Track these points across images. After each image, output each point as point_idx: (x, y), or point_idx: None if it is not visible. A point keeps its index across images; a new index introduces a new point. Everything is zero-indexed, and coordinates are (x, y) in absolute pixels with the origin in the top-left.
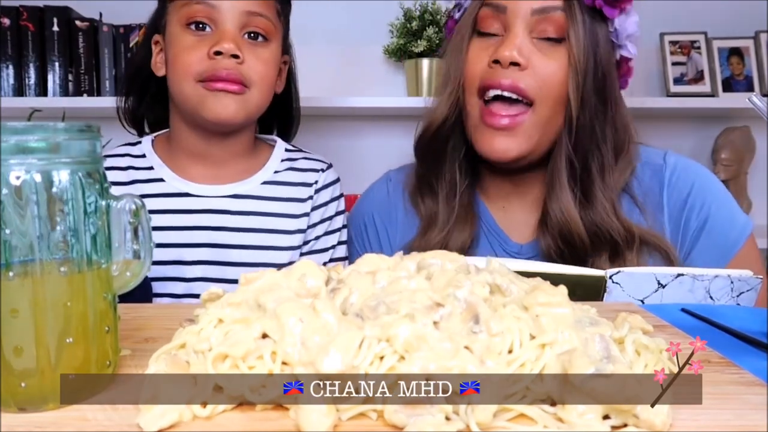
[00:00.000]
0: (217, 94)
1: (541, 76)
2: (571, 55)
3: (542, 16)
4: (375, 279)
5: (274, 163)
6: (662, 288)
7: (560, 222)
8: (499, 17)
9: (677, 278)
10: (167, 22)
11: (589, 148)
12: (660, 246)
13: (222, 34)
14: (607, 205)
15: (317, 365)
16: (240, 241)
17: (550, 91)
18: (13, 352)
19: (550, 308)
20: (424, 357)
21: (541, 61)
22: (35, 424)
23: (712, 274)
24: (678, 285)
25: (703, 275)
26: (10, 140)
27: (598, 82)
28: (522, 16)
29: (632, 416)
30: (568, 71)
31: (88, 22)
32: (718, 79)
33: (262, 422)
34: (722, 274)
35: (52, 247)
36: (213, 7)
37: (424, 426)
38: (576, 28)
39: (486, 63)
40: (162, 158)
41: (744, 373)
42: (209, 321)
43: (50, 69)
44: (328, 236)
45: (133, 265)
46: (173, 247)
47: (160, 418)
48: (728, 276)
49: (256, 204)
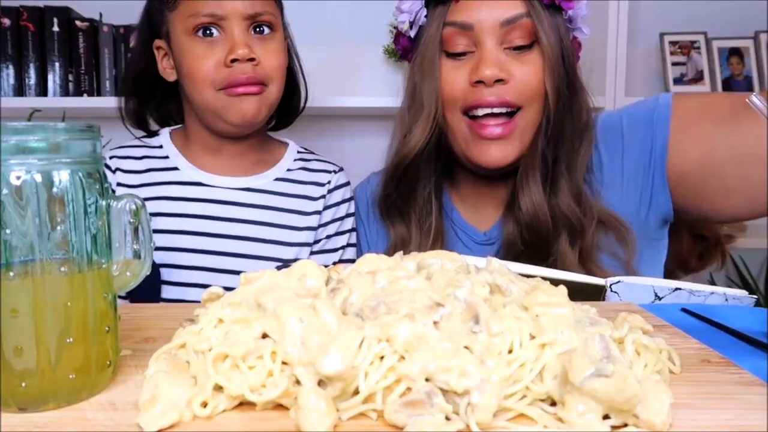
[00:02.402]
0: (239, 99)
1: (523, 83)
2: (544, 55)
3: (511, 26)
4: (375, 279)
5: (288, 161)
6: (659, 300)
7: (530, 214)
8: (466, 34)
9: (674, 292)
10: (171, 30)
11: (560, 139)
12: (616, 225)
13: (234, 40)
14: (570, 193)
15: (317, 365)
16: (249, 234)
17: (532, 93)
18: (14, 352)
19: (550, 308)
20: (424, 357)
21: (519, 69)
22: (35, 424)
23: (708, 291)
24: (675, 298)
25: (699, 291)
26: (10, 140)
27: (569, 73)
28: (490, 31)
29: (632, 416)
30: (544, 71)
31: (88, 22)
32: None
33: (262, 422)
34: (718, 291)
35: (52, 247)
36: (218, 13)
37: (424, 426)
38: (544, 28)
39: (465, 83)
40: (179, 149)
41: (744, 373)
42: (209, 321)
43: (50, 69)
44: (339, 237)
45: (133, 264)
46: (184, 234)
47: (160, 418)
48: (723, 294)
49: (269, 198)
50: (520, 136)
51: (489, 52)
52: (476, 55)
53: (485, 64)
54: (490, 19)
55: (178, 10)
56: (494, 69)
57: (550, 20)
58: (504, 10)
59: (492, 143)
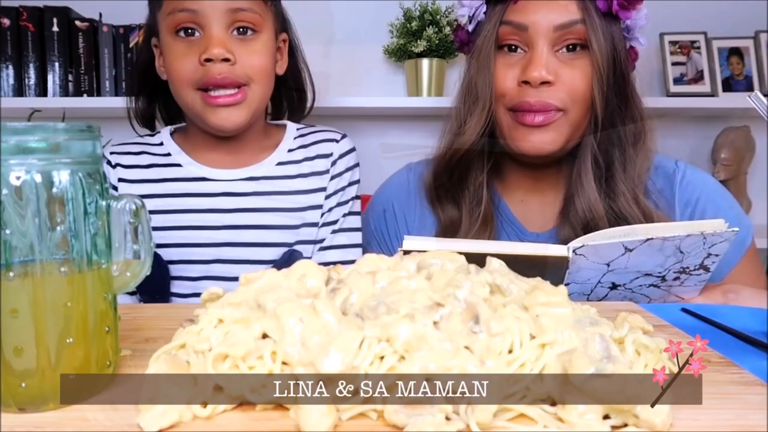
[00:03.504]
0: (217, 109)
1: (569, 86)
2: (593, 61)
3: (564, 30)
4: (375, 279)
5: (287, 143)
6: (629, 252)
7: (585, 214)
8: (521, 34)
9: (646, 242)
10: (159, 29)
11: (612, 143)
12: None
13: (209, 40)
14: (628, 195)
15: (317, 365)
16: (256, 221)
17: (577, 97)
18: (13, 352)
19: (550, 308)
20: (424, 357)
21: (567, 73)
22: (35, 424)
23: (683, 233)
24: (647, 248)
25: (673, 236)
26: (10, 140)
27: (618, 80)
28: (544, 33)
29: (632, 416)
30: (593, 77)
31: (88, 23)
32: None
33: (262, 422)
34: (694, 232)
35: (52, 247)
36: (196, 12)
37: (424, 426)
38: (597, 36)
39: (514, 81)
40: (180, 146)
41: (744, 373)
42: (209, 321)
43: (50, 69)
44: (341, 207)
45: (133, 265)
46: (191, 229)
47: (160, 418)
48: (701, 233)
49: (272, 184)
50: (559, 129)
51: (539, 54)
52: (528, 55)
53: (533, 65)
54: (545, 22)
55: (162, 9)
56: (541, 71)
57: (605, 28)
58: (559, 15)
59: (533, 130)
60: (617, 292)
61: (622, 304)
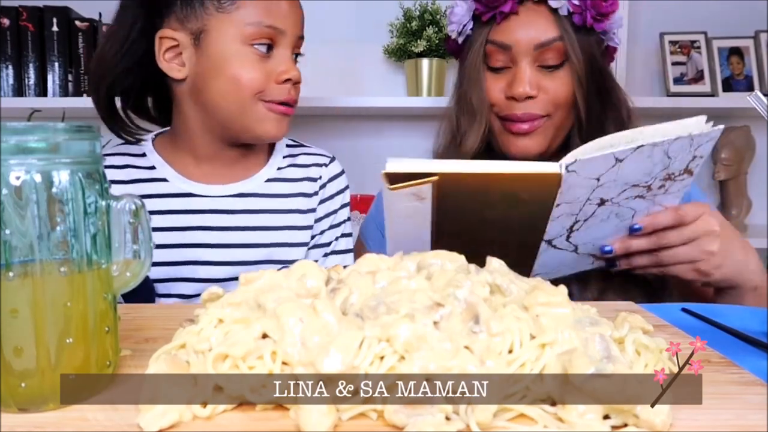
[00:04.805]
0: (279, 117)
1: (552, 96)
2: (573, 71)
3: (544, 48)
4: (375, 279)
5: (277, 159)
6: (620, 162)
7: None
8: (505, 52)
9: (636, 150)
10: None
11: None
12: None
13: (289, 61)
14: None
15: (317, 365)
16: (246, 240)
17: (560, 104)
18: (13, 352)
19: (550, 308)
20: (424, 357)
21: (549, 84)
22: (35, 424)
23: (672, 137)
24: (637, 155)
25: (662, 141)
26: (10, 140)
27: (598, 82)
28: (525, 52)
29: (632, 416)
30: (574, 85)
31: (88, 22)
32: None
33: (262, 422)
34: (682, 135)
35: (52, 247)
36: (282, 32)
37: (424, 426)
38: (575, 49)
39: (502, 94)
40: (164, 158)
41: (744, 373)
42: (209, 321)
43: (50, 69)
44: (333, 230)
45: (133, 265)
46: (178, 247)
47: (160, 418)
48: (689, 135)
49: (261, 202)
50: (544, 134)
51: (522, 71)
52: (512, 71)
53: (517, 82)
54: (526, 40)
55: (233, 14)
56: (525, 87)
57: (582, 40)
58: (538, 33)
59: (519, 137)
60: (605, 209)
61: (622, 304)
